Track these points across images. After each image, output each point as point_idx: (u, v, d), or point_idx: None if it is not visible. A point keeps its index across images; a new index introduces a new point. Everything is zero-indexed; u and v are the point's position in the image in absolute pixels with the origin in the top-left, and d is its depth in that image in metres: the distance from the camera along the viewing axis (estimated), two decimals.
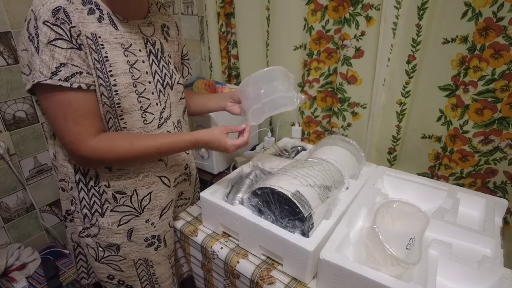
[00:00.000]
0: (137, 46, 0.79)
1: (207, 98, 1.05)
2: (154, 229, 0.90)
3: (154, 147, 0.78)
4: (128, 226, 0.86)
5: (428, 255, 0.72)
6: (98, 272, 0.90)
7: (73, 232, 0.91)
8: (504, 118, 0.98)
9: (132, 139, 0.77)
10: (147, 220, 0.88)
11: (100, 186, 0.82)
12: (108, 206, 0.83)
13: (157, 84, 0.83)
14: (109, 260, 0.88)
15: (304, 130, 1.44)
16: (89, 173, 0.81)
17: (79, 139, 0.71)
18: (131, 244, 0.88)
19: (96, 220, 0.84)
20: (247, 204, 0.84)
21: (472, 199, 0.91)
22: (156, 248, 0.92)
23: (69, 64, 0.67)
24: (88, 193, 0.82)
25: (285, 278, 0.78)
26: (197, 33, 1.71)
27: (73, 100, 0.69)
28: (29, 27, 0.66)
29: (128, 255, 0.89)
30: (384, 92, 1.15)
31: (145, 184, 0.86)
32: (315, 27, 1.23)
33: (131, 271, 0.91)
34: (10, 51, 1.34)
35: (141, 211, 0.87)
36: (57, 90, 0.68)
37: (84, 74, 0.70)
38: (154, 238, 0.91)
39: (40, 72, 0.65)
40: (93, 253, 0.87)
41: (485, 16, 0.91)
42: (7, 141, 1.40)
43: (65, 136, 0.71)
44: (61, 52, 0.66)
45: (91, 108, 0.73)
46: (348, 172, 0.94)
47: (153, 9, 0.86)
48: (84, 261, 0.96)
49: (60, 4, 0.66)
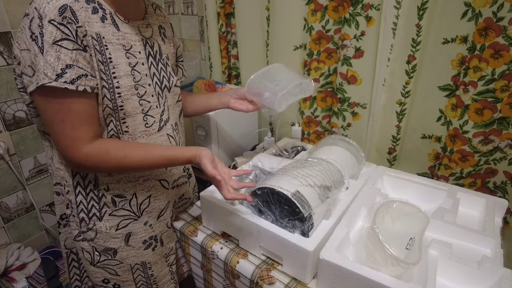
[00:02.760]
0: (137, 48, 0.78)
1: (208, 96, 1.04)
2: (151, 230, 0.90)
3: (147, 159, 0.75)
4: (126, 231, 0.85)
5: (428, 255, 0.72)
6: (93, 276, 0.89)
7: (67, 238, 0.90)
8: (504, 118, 0.98)
9: (127, 151, 0.74)
10: (145, 223, 0.88)
11: (99, 190, 0.80)
12: (106, 210, 0.82)
13: (155, 87, 0.82)
14: (105, 264, 0.87)
15: (304, 130, 1.44)
16: (88, 177, 0.79)
17: (74, 145, 0.69)
18: (128, 249, 0.87)
19: (94, 224, 0.82)
20: (247, 204, 0.84)
21: (472, 199, 0.91)
22: (153, 249, 0.92)
23: (75, 66, 0.65)
24: (86, 197, 0.81)
25: (285, 278, 0.78)
26: (197, 33, 1.71)
27: (74, 104, 0.67)
28: (31, 25, 0.63)
29: (125, 260, 0.88)
30: (384, 92, 1.15)
31: (145, 188, 0.85)
32: (315, 27, 1.23)
33: (127, 275, 0.90)
34: (10, 51, 1.34)
35: (140, 214, 0.86)
36: (60, 93, 0.65)
37: (89, 76, 0.68)
38: (152, 239, 0.90)
39: (45, 73, 0.63)
40: (89, 257, 0.86)
41: (485, 16, 0.91)
42: (7, 141, 1.40)
43: (60, 141, 0.69)
44: (67, 53, 0.64)
45: (91, 113, 0.71)
46: (348, 172, 0.94)
47: (149, 11, 0.85)
48: (77, 268, 0.94)
49: (66, 2, 0.63)
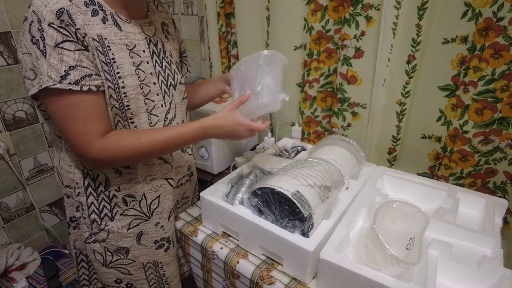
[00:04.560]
0: (140, 47, 0.77)
1: (206, 85, 1.03)
2: (163, 231, 0.90)
3: (161, 140, 0.75)
4: (137, 230, 0.86)
5: (428, 255, 0.72)
6: (105, 277, 0.89)
7: (76, 240, 0.90)
8: (504, 118, 0.98)
9: (138, 134, 0.75)
10: (156, 224, 0.88)
11: (110, 191, 0.81)
12: (118, 210, 0.82)
13: (161, 85, 0.82)
14: (118, 264, 0.87)
15: (304, 130, 1.44)
16: (99, 178, 0.80)
17: (87, 140, 0.69)
18: (140, 247, 0.87)
19: (106, 225, 0.83)
20: (247, 204, 0.84)
21: (472, 199, 0.91)
22: (165, 250, 0.92)
23: (78, 67, 0.65)
24: (98, 198, 0.81)
25: (285, 278, 0.78)
26: (197, 33, 1.71)
27: (82, 102, 0.68)
28: (31, 29, 0.63)
29: (137, 258, 0.88)
30: (384, 92, 1.15)
31: (153, 187, 0.85)
32: (315, 27, 1.23)
33: (139, 274, 0.90)
34: (10, 51, 1.34)
35: (150, 215, 0.86)
36: (66, 94, 0.65)
37: (93, 76, 0.68)
38: (164, 240, 0.91)
39: (49, 76, 0.63)
40: (101, 258, 0.86)
41: (485, 16, 0.91)
42: (7, 141, 1.40)
43: (73, 138, 0.69)
44: (70, 55, 0.64)
45: (100, 108, 0.71)
46: (348, 172, 0.94)
47: (151, 8, 0.85)
48: (86, 268, 0.95)
49: (63, 6, 0.64)
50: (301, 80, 1.38)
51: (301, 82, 1.38)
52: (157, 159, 0.85)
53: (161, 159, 0.86)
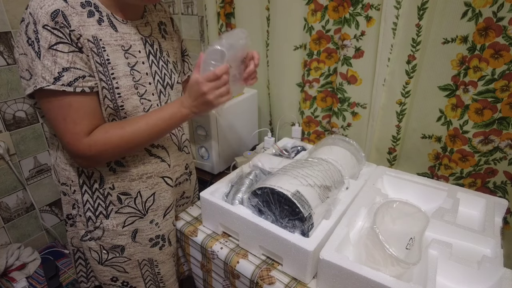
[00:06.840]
0: (136, 48, 0.78)
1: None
2: (158, 229, 0.90)
3: (142, 121, 0.74)
4: (132, 227, 0.86)
5: (428, 255, 0.72)
6: (101, 275, 0.89)
7: (74, 237, 0.91)
8: (504, 118, 0.98)
9: (122, 123, 0.75)
10: (151, 221, 0.88)
11: (105, 189, 0.81)
12: (112, 208, 0.83)
13: (157, 85, 0.82)
14: (113, 262, 0.88)
15: (304, 130, 1.44)
16: (94, 176, 0.80)
17: (76, 139, 0.70)
18: (135, 245, 0.88)
19: (101, 223, 0.83)
20: (247, 204, 0.84)
21: (472, 199, 0.91)
22: (160, 248, 0.92)
23: (71, 68, 0.66)
24: (93, 196, 0.82)
25: (285, 278, 0.78)
26: (197, 33, 1.71)
27: (74, 103, 0.69)
28: (27, 30, 0.64)
29: (132, 256, 0.89)
30: (384, 92, 1.15)
31: (149, 185, 0.85)
32: (315, 27, 1.23)
33: (135, 272, 0.91)
34: (10, 51, 1.34)
35: (145, 212, 0.87)
36: (59, 95, 0.67)
37: (87, 77, 0.69)
38: (159, 238, 0.91)
39: (43, 77, 0.64)
40: (96, 256, 0.86)
41: (485, 16, 0.91)
42: (7, 141, 1.40)
43: (64, 138, 0.70)
44: (63, 57, 0.65)
45: (92, 109, 0.72)
46: (348, 172, 0.94)
47: (149, 7, 0.85)
48: (83, 266, 0.95)
49: (58, 7, 0.64)
50: (301, 80, 1.38)
51: (301, 82, 1.38)
52: (153, 158, 0.85)
53: (158, 157, 0.86)
